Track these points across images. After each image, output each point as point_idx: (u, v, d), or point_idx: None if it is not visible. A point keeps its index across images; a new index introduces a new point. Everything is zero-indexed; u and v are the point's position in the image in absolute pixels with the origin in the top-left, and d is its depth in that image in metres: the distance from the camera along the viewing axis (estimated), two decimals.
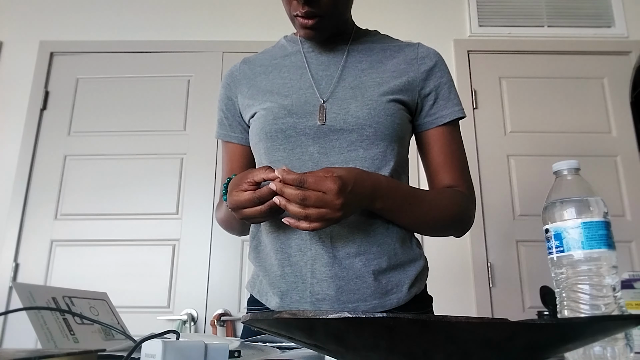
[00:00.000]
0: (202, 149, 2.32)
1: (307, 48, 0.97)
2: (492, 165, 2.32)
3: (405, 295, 0.85)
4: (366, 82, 0.90)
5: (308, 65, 0.94)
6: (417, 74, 0.93)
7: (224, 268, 2.17)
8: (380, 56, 0.95)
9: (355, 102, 0.87)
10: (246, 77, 0.98)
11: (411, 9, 2.53)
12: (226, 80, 1.01)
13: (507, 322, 0.32)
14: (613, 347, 0.50)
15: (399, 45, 0.97)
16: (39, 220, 2.22)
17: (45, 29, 2.48)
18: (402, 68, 0.93)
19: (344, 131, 0.86)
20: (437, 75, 0.94)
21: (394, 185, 0.82)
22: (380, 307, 0.83)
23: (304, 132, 0.87)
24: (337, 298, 0.82)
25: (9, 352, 0.43)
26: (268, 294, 0.88)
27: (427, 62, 0.94)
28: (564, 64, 2.46)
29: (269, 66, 0.97)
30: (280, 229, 0.86)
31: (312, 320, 0.35)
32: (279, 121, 0.88)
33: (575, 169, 0.58)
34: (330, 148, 0.86)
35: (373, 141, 0.86)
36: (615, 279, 0.53)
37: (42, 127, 2.34)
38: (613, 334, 0.39)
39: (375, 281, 0.83)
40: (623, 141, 2.35)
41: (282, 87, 0.92)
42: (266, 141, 0.89)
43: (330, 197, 0.71)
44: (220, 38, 2.45)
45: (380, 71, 0.92)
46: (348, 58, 0.94)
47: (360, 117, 0.86)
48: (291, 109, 0.88)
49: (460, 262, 2.19)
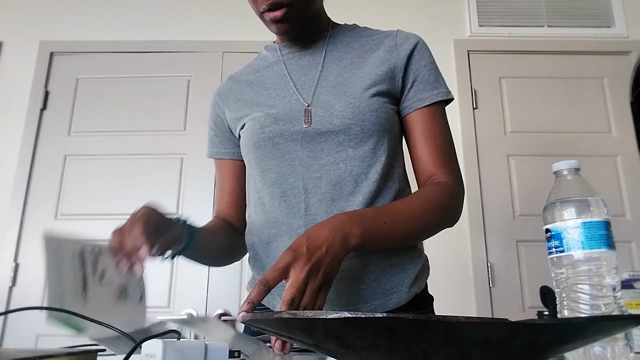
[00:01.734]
0: (202, 149, 2.31)
1: (286, 55, 0.97)
2: (492, 165, 2.32)
3: (406, 294, 0.84)
4: (348, 79, 0.89)
5: (288, 73, 0.94)
6: (398, 60, 0.91)
7: (224, 268, 2.15)
8: (360, 51, 0.93)
9: (339, 102, 0.86)
10: (232, 93, 0.99)
11: (411, 9, 2.53)
12: (214, 99, 1.02)
13: (507, 322, 0.32)
14: (613, 347, 0.50)
15: (378, 37, 0.95)
16: (39, 220, 2.22)
17: (45, 29, 2.48)
18: (383, 57, 0.91)
19: (330, 133, 0.85)
20: (416, 58, 0.91)
21: (358, 213, 0.74)
22: (381, 308, 0.82)
23: (292, 137, 0.86)
24: (337, 301, 0.81)
25: (9, 352, 0.43)
26: (274, 297, 0.88)
27: (406, 46, 0.92)
28: (564, 64, 2.46)
29: (253, 80, 0.98)
30: (275, 239, 0.87)
31: (312, 320, 0.35)
32: (266, 129, 0.87)
33: (575, 169, 0.58)
34: (319, 151, 0.86)
35: (361, 139, 0.85)
36: (615, 279, 0.53)
37: (42, 127, 2.34)
38: (613, 334, 0.39)
39: (375, 282, 0.83)
40: (623, 141, 2.35)
41: (267, 98, 0.92)
42: (256, 151, 0.89)
43: (294, 277, 0.62)
44: (220, 38, 2.45)
45: (362, 65, 0.91)
46: (326, 58, 0.94)
47: (345, 117, 0.85)
48: (277, 116, 0.88)
49: (460, 262, 2.19)
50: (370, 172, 0.85)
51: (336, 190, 0.84)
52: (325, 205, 0.83)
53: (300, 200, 0.85)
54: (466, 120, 2.35)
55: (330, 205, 0.83)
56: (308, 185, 0.85)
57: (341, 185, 0.84)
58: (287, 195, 0.86)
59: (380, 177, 0.85)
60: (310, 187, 0.85)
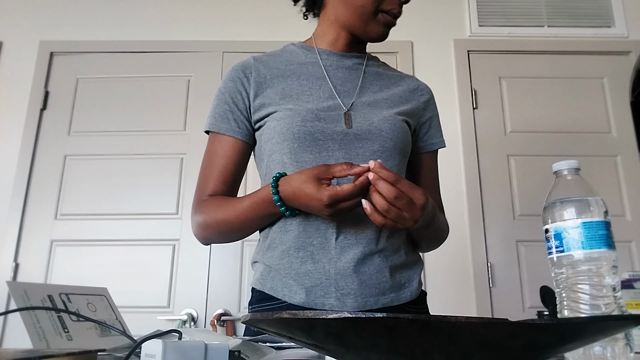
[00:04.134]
0: (202, 149, 2.29)
1: (325, 60, 1.00)
2: (492, 165, 2.32)
3: (415, 289, 0.93)
4: (381, 103, 0.97)
5: (329, 78, 0.98)
6: (418, 104, 1.03)
7: (224, 268, 2.17)
8: (388, 82, 1.03)
9: (376, 116, 0.94)
10: (261, 76, 0.97)
11: (411, 9, 2.51)
12: (236, 74, 0.98)
13: (507, 322, 0.32)
14: (613, 347, 0.50)
15: (399, 75, 1.07)
16: (39, 220, 2.22)
17: (45, 29, 2.48)
18: (407, 96, 1.02)
19: (368, 140, 0.91)
20: (431, 108, 1.06)
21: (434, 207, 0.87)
22: (396, 301, 0.89)
23: (332, 137, 0.90)
24: (360, 292, 0.86)
25: (9, 352, 0.43)
26: (292, 290, 0.88)
27: (425, 94, 1.05)
28: (564, 64, 2.46)
29: (285, 70, 0.98)
30: (299, 227, 0.89)
31: (312, 320, 0.35)
32: (308, 124, 0.90)
33: (575, 169, 0.58)
34: (354, 155, 0.91)
35: (391, 153, 0.93)
36: (615, 279, 0.53)
37: (42, 127, 2.34)
38: (613, 334, 0.39)
39: (391, 276, 0.89)
40: (623, 141, 2.35)
41: (301, 94, 0.94)
42: (293, 142, 0.90)
43: (416, 207, 0.75)
44: (220, 38, 2.45)
45: (390, 94, 1.00)
46: (365, 77, 1.01)
47: (382, 130, 0.92)
48: (318, 113, 0.91)
49: (460, 262, 2.19)
50: None
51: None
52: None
53: None
54: (466, 120, 2.35)
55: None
56: (341, 184, 0.87)
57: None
58: None
59: None
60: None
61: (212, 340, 0.53)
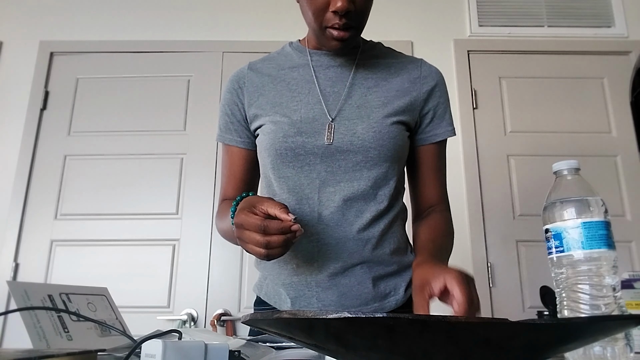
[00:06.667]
0: (202, 149, 2.32)
1: (315, 61, 0.97)
2: (492, 165, 2.32)
3: (402, 297, 0.92)
4: (371, 102, 0.93)
5: (317, 80, 0.95)
6: (419, 94, 0.96)
7: (224, 268, 2.17)
8: (385, 73, 0.97)
9: (362, 124, 0.90)
10: (253, 85, 0.98)
11: (411, 9, 2.53)
12: (232, 85, 1.00)
13: (507, 322, 0.32)
14: (613, 347, 0.50)
15: (402, 62, 1.00)
16: (39, 220, 2.22)
17: (45, 29, 2.48)
18: (406, 87, 0.96)
19: (350, 152, 0.89)
20: (437, 95, 0.98)
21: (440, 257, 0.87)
22: (380, 310, 0.89)
23: (313, 151, 0.90)
24: (340, 303, 0.88)
25: (9, 352, 0.43)
26: (281, 298, 0.93)
27: (429, 81, 0.98)
28: (564, 64, 2.46)
29: (276, 77, 0.98)
30: None
31: (312, 320, 0.35)
32: (289, 139, 0.90)
33: (575, 169, 0.58)
34: (336, 167, 0.90)
35: (376, 162, 0.90)
36: (615, 279, 0.53)
37: (42, 127, 2.34)
38: (613, 334, 0.39)
39: (375, 287, 0.90)
40: (623, 141, 2.35)
41: (290, 101, 0.93)
42: (275, 157, 0.91)
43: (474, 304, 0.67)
44: (220, 38, 2.45)
45: (385, 90, 0.95)
46: (355, 74, 0.96)
47: (366, 140, 0.89)
48: (300, 127, 0.90)
49: (460, 262, 2.18)
50: (378, 193, 0.91)
51: (347, 206, 0.90)
52: (336, 218, 0.89)
53: (313, 210, 0.90)
54: (466, 120, 2.35)
55: (341, 219, 0.90)
56: (322, 198, 0.90)
57: (352, 202, 0.90)
58: (302, 205, 0.90)
59: (386, 198, 0.92)
60: (324, 200, 0.90)
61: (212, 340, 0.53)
